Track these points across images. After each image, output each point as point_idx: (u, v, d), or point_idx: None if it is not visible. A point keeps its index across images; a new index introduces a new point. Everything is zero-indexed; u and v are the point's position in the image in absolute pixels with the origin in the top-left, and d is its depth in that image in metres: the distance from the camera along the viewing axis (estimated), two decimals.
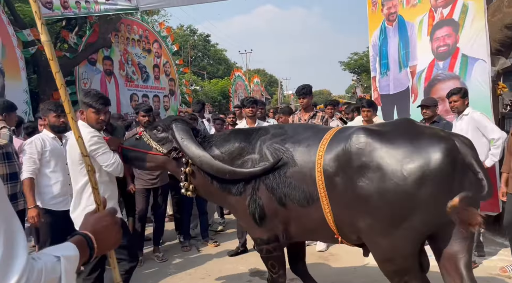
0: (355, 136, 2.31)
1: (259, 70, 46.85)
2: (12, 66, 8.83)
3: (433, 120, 4.54)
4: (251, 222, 2.68)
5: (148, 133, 2.99)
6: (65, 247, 1.02)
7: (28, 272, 0.83)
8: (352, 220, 2.38)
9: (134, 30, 13.42)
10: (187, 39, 32.73)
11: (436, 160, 2.09)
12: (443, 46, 5.10)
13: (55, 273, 0.92)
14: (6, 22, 8.78)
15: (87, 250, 1.08)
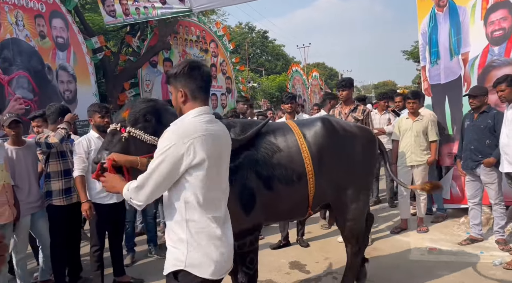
0: (320, 124, 3.02)
1: (318, 64, 46.17)
2: (83, 72, 9.72)
3: (482, 110, 4.27)
4: (240, 212, 2.65)
5: (133, 128, 2.26)
6: None
7: None
8: (328, 190, 2.98)
9: (191, 31, 14.02)
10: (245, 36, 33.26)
11: (375, 140, 3.34)
12: (499, 30, 4.75)
13: None
14: (77, 31, 9.67)
15: None
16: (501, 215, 4.27)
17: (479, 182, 4.39)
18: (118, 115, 2.37)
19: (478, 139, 4.28)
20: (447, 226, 5.16)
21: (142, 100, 2.43)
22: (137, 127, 2.25)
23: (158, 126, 2.26)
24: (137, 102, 2.40)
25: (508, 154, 3.86)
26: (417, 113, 5.05)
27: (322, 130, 3.00)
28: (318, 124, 3.04)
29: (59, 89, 8.87)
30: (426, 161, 5.00)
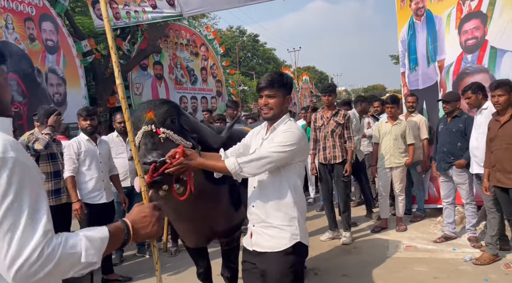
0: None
1: (309, 68, 46.57)
2: (72, 75, 9.80)
3: (454, 114, 4.51)
4: (231, 209, 2.82)
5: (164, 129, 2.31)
6: (97, 229, 1.18)
7: (45, 244, 1.00)
8: None
9: (182, 35, 14.16)
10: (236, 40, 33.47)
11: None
12: (472, 39, 5.00)
13: (74, 249, 1.06)
14: (67, 34, 9.77)
15: (122, 235, 1.25)
16: (472, 214, 4.51)
17: (452, 183, 4.63)
18: (142, 117, 2.30)
19: (451, 142, 4.52)
20: (424, 225, 5.39)
21: (162, 101, 2.44)
22: (165, 127, 2.28)
23: (179, 127, 2.35)
24: (157, 103, 2.40)
25: (477, 156, 4.09)
26: (396, 118, 5.28)
27: None
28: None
29: (49, 92, 8.95)
30: (404, 163, 5.23)
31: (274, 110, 2.20)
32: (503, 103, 3.64)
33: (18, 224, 0.99)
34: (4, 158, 1.00)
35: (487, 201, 4.02)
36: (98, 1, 9.36)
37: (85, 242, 1.10)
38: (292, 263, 2.15)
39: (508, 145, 3.60)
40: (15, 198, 1.00)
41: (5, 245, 0.98)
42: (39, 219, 1.03)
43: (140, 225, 1.32)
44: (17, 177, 1.00)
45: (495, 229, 3.97)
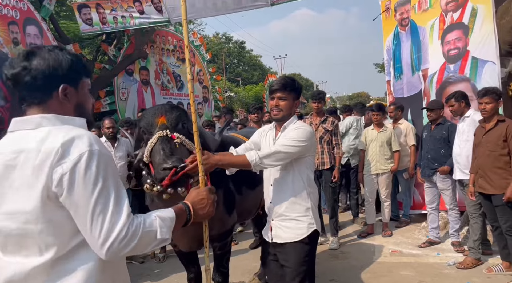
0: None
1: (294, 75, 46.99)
2: None
3: (438, 122, 4.65)
4: (225, 214, 2.90)
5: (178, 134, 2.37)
6: (165, 211, 1.37)
7: (129, 223, 1.18)
8: None
9: (168, 41, 14.15)
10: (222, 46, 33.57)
11: None
12: (454, 49, 5.17)
13: (152, 227, 1.25)
14: (51, 39, 9.63)
15: (185, 215, 1.45)
16: (455, 219, 4.63)
17: (436, 189, 4.75)
18: (154, 122, 2.33)
19: (435, 149, 4.65)
20: (409, 230, 5.50)
21: (171, 106, 2.48)
22: (177, 132, 2.33)
23: (187, 131, 2.39)
24: (168, 108, 2.44)
25: (460, 163, 4.22)
26: (381, 125, 5.40)
27: None
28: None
29: None
30: (390, 169, 5.34)
31: (283, 112, 2.38)
32: (489, 110, 3.75)
33: (107, 208, 1.16)
34: (91, 150, 1.16)
35: (470, 206, 4.14)
36: (84, 6, 9.32)
37: (159, 221, 1.28)
38: (308, 251, 2.40)
39: (491, 151, 3.72)
40: (103, 186, 1.17)
41: (98, 226, 1.15)
42: (123, 202, 1.21)
43: (199, 206, 1.53)
44: (103, 167, 1.18)
45: (477, 233, 4.09)
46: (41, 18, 9.36)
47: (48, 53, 1.28)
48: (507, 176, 3.62)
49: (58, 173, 1.13)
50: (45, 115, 1.24)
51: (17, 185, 1.17)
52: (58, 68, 1.26)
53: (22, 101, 1.28)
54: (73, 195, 1.14)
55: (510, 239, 3.67)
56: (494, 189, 3.69)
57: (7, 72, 1.25)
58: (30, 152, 1.16)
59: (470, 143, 4.06)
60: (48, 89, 1.26)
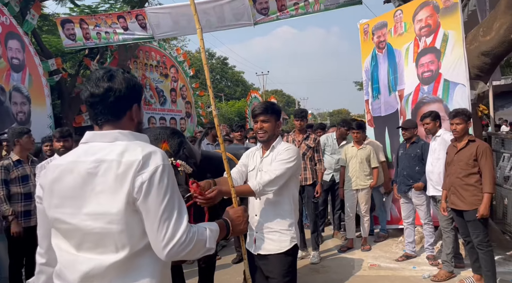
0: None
1: (276, 91, 47.62)
2: (38, 94, 9.59)
3: (413, 141, 4.88)
4: None
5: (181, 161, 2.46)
6: (211, 224, 1.56)
7: (188, 231, 1.35)
8: None
9: (152, 56, 14.23)
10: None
11: None
12: (427, 71, 5.46)
13: (203, 236, 1.43)
14: (33, 53, 9.61)
15: (225, 229, 1.66)
16: (430, 233, 4.83)
17: (412, 204, 4.95)
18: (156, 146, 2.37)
19: (410, 166, 4.87)
20: (387, 245, 5.67)
21: (172, 131, 2.55)
22: (179, 158, 2.43)
23: (185, 157, 2.51)
24: (169, 133, 2.50)
25: (432, 180, 4.44)
26: (361, 142, 5.61)
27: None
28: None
29: (12, 111, 8.71)
30: (369, 185, 5.54)
31: (268, 133, 2.58)
32: (460, 131, 3.96)
33: (172, 215, 1.34)
34: (165, 165, 1.35)
35: (442, 221, 4.34)
36: (68, 21, 9.34)
37: (208, 232, 1.46)
38: (291, 263, 2.56)
39: (462, 169, 3.93)
40: (171, 196, 1.34)
41: (164, 229, 1.32)
42: (184, 212, 1.38)
43: (236, 223, 1.75)
44: (171, 180, 1.36)
45: (450, 247, 4.28)
46: (24, 33, 9.35)
47: (123, 75, 1.44)
48: (478, 193, 3.83)
49: (139, 181, 1.30)
50: (122, 131, 1.41)
51: (99, 190, 1.32)
52: (133, 90, 1.44)
53: (99, 118, 1.42)
54: (148, 200, 1.30)
55: (481, 253, 3.86)
56: (465, 205, 3.89)
57: (93, 90, 1.39)
58: (112, 162, 1.32)
59: (441, 160, 4.28)
60: (124, 108, 1.44)
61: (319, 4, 7.97)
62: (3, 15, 8.77)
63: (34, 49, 9.76)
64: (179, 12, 8.75)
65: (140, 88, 1.50)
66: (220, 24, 9.01)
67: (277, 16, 8.43)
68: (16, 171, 3.77)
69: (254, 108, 2.59)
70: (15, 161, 3.81)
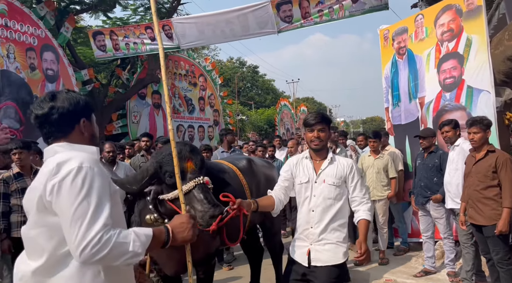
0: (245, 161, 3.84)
1: (307, 99, 47.26)
2: None
3: (431, 150, 4.65)
4: (210, 237, 2.92)
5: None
6: (144, 229, 1.50)
7: (104, 232, 1.33)
8: (256, 215, 3.36)
9: (181, 65, 14.56)
10: (236, 70, 34.18)
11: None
12: (449, 78, 5.22)
13: (126, 239, 1.39)
14: (67, 64, 10.08)
15: (163, 236, 1.56)
16: (450, 248, 4.56)
17: (430, 217, 4.70)
18: (184, 167, 2.43)
19: (427, 177, 4.64)
20: (407, 259, 5.41)
21: (191, 148, 2.61)
22: (204, 175, 2.52)
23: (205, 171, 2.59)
24: (190, 150, 2.57)
25: (451, 191, 4.20)
26: (378, 151, 5.42)
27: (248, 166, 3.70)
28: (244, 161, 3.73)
29: None
30: (386, 196, 5.33)
31: (323, 143, 2.61)
32: (478, 140, 3.73)
33: (85, 216, 1.33)
34: (80, 167, 1.38)
35: (462, 235, 4.09)
36: (99, 33, 9.75)
37: (133, 235, 1.41)
38: (343, 275, 2.55)
39: (480, 182, 3.69)
40: (86, 196, 1.35)
41: (76, 229, 1.31)
42: (102, 214, 1.37)
43: (178, 230, 1.63)
44: (88, 181, 1.37)
45: (469, 264, 4.02)
46: (58, 45, 9.83)
47: (66, 94, 1.54)
48: (497, 207, 3.59)
49: (51, 184, 1.36)
50: (59, 144, 1.50)
51: (30, 201, 1.44)
52: (77, 105, 1.52)
53: (49, 136, 1.53)
54: (59, 201, 1.34)
55: (501, 271, 3.60)
56: (484, 220, 3.65)
57: (37, 112, 1.50)
58: (41, 174, 1.43)
59: (459, 171, 4.05)
60: (71, 123, 1.52)
61: (343, 11, 7.88)
62: (39, 28, 9.28)
63: (68, 60, 10.24)
64: (204, 21, 8.90)
65: (87, 104, 1.57)
66: (244, 33, 9.08)
67: (301, 23, 8.40)
68: (16, 183, 3.83)
69: (309, 117, 2.61)
70: (16, 173, 3.87)
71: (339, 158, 2.67)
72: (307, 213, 2.59)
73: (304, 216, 2.60)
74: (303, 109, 25.72)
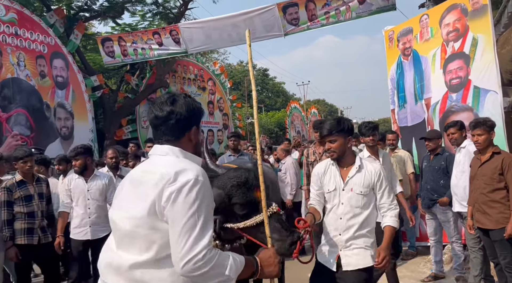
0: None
1: (318, 101, 47.04)
2: (81, 109, 10.18)
3: (437, 152, 4.57)
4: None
5: None
6: (239, 255, 1.50)
7: (208, 249, 1.36)
8: None
9: (189, 70, 14.65)
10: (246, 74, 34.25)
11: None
12: (456, 78, 5.12)
13: (224, 261, 1.41)
14: (76, 71, 10.24)
15: (252, 267, 1.56)
16: (458, 253, 4.45)
17: (437, 220, 4.61)
18: (253, 198, 2.24)
19: (434, 179, 4.55)
20: (415, 263, 5.31)
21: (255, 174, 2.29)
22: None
23: None
24: (255, 176, 2.29)
25: (457, 194, 4.11)
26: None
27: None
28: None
29: (56, 126, 9.30)
30: None
31: (337, 153, 2.62)
32: (482, 142, 3.63)
33: (194, 229, 1.36)
34: (197, 179, 1.40)
35: (469, 240, 3.99)
36: (107, 39, 9.86)
37: (231, 259, 1.43)
38: (369, 278, 2.58)
39: (486, 184, 3.60)
40: (197, 209, 1.37)
41: (183, 241, 1.34)
42: (208, 230, 1.39)
43: (266, 263, 1.62)
44: (201, 195, 1.39)
45: (477, 268, 3.92)
46: (68, 52, 10.00)
47: (184, 100, 1.56)
48: (505, 210, 3.49)
49: (168, 191, 1.38)
50: (172, 147, 1.53)
51: (137, 196, 1.46)
52: (192, 113, 1.55)
53: (161, 137, 1.56)
54: (173, 208, 1.36)
55: (510, 276, 3.50)
56: (491, 224, 3.55)
57: (157, 113, 1.54)
58: (153, 173, 1.45)
59: (466, 174, 3.96)
60: (183, 129, 1.55)
61: (350, 12, 7.84)
62: (49, 36, 9.45)
63: (77, 67, 10.40)
64: (211, 26, 8.94)
65: (200, 112, 1.61)
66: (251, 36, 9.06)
67: (308, 26, 8.39)
68: (19, 191, 3.85)
69: (321, 130, 2.69)
70: (19, 181, 3.90)
71: (366, 164, 2.66)
72: (335, 220, 2.62)
73: (332, 223, 2.64)
74: (313, 111, 25.58)
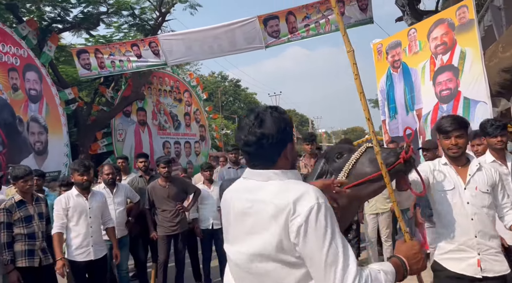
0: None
1: (289, 111, 47.65)
2: (55, 123, 9.73)
3: None
4: None
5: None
6: (385, 265, 1.36)
7: (359, 275, 1.21)
8: None
9: (165, 82, 14.41)
10: (218, 85, 34.21)
11: None
12: (446, 90, 5.30)
13: (377, 281, 1.26)
14: (50, 83, 9.81)
15: (402, 270, 1.40)
16: None
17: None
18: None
19: None
20: None
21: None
22: None
23: None
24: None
25: None
26: None
27: None
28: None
29: (30, 141, 8.81)
30: (389, 208, 5.31)
31: (463, 149, 2.42)
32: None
33: (338, 259, 1.21)
34: (319, 204, 1.23)
35: None
36: (83, 51, 9.52)
37: (383, 275, 1.29)
38: None
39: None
40: (333, 236, 1.22)
41: (331, 277, 1.20)
42: (350, 254, 1.24)
43: (413, 261, 1.45)
44: (330, 219, 1.24)
45: None
46: (41, 64, 9.57)
47: (271, 117, 1.37)
48: None
49: (295, 226, 1.22)
50: (275, 171, 1.35)
51: (252, 230, 1.31)
52: (284, 131, 1.38)
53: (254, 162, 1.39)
54: (307, 245, 1.22)
55: None
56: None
57: (246, 139, 1.36)
58: (264, 203, 1.29)
59: None
60: (278, 151, 1.37)
61: (330, 25, 7.98)
62: (21, 48, 9.01)
63: (51, 79, 9.97)
64: (192, 37, 8.83)
65: (290, 126, 1.43)
66: (232, 48, 9.07)
67: (288, 38, 8.46)
68: (19, 212, 3.65)
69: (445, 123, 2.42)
70: (18, 201, 3.69)
71: (482, 163, 2.57)
72: (465, 222, 2.42)
73: (460, 225, 2.43)
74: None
